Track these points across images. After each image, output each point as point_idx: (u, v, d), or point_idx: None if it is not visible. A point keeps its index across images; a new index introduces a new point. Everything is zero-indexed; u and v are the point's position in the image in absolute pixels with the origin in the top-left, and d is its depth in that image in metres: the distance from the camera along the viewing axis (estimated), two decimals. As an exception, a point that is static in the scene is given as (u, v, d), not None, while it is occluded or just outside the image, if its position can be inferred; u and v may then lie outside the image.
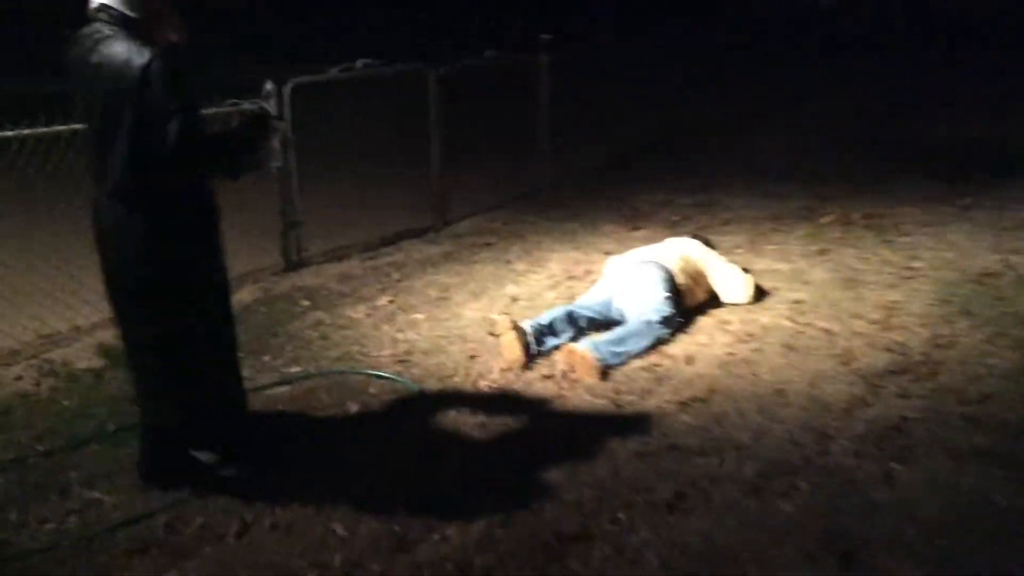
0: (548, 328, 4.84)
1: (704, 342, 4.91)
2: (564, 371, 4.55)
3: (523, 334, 4.69)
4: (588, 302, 5.14)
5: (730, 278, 5.41)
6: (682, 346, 4.85)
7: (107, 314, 4.90)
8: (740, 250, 6.53)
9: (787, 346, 4.83)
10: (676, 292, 5.11)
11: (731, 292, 5.40)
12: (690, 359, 4.70)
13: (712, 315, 5.24)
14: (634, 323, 4.86)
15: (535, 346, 4.71)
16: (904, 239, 6.71)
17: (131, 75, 2.96)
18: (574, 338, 4.85)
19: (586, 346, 4.62)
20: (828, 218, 7.25)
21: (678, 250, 5.42)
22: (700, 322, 5.15)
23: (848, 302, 5.43)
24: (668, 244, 5.60)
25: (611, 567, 3.08)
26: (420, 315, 5.32)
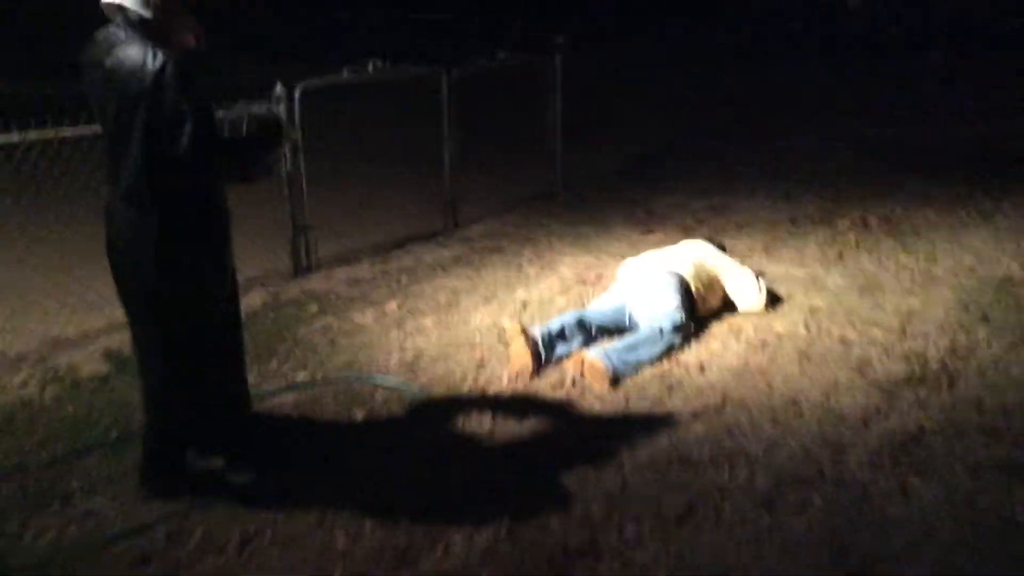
0: (558, 335, 4.76)
1: (717, 350, 4.83)
2: (574, 379, 4.48)
3: (532, 341, 4.62)
4: (599, 308, 5.07)
5: (744, 284, 5.32)
6: (695, 354, 4.76)
7: (115, 319, 4.92)
8: (755, 254, 6.43)
9: (802, 354, 4.74)
10: (689, 298, 5.03)
11: (745, 298, 5.31)
12: (702, 367, 4.61)
13: (726, 322, 5.16)
14: (646, 330, 4.79)
15: (545, 353, 4.64)
16: (923, 244, 6.60)
17: (144, 79, 2.96)
18: (584, 345, 4.78)
19: (596, 353, 4.55)
20: (845, 222, 7.14)
21: (692, 255, 5.34)
22: (713, 329, 5.06)
23: (865, 309, 5.34)
24: (682, 248, 5.52)
25: (618, 584, 3.01)
26: (429, 320, 5.26)
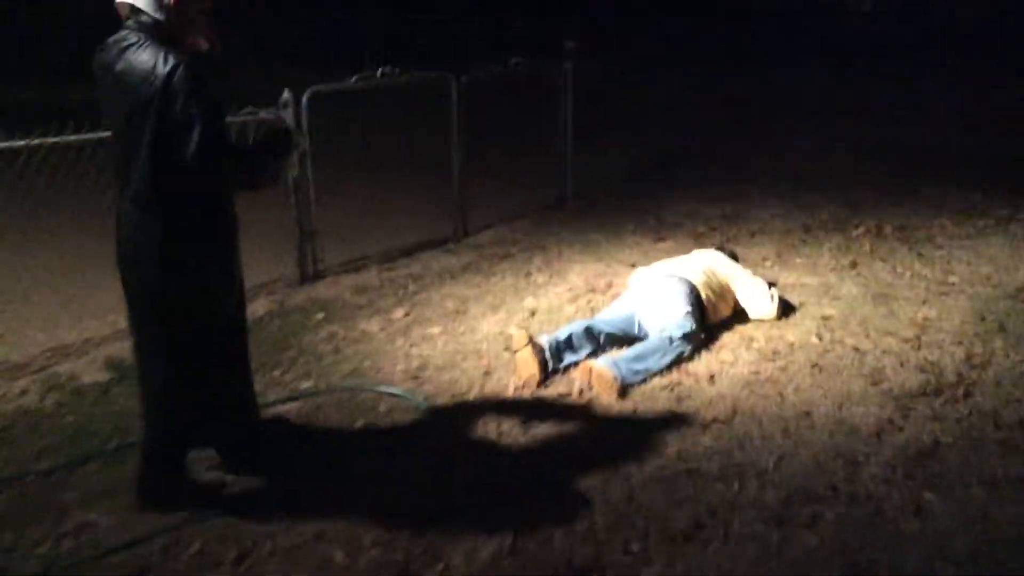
0: (566, 344, 4.69)
1: (728, 360, 4.74)
2: (581, 389, 4.40)
3: (540, 350, 4.55)
4: (608, 317, 4.98)
5: (756, 292, 5.24)
6: (705, 364, 4.68)
7: (117, 326, 4.89)
8: (768, 262, 6.35)
9: (815, 365, 4.65)
10: (700, 307, 4.95)
11: (757, 307, 5.22)
12: (713, 378, 4.53)
13: (737, 331, 5.07)
14: (655, 339, 4.71)
15: (552, 363, 4.57)
16: (938, 252, 6.50)
17: (155, 82, 2.96)
18: (593, 354, 4.70)
19: (605, 363, 4.47)
20: (859, 230, 7.05)
21: (703, 263, 5.26)
22: (724, 338, 4.98)
23: (879, 318, 5.24)
24: (693, 256, 5.44)
25: (623, 602, 2.93)
26: (435, 329, 5.20)
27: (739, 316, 5.20)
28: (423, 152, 7.82)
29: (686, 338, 4.73)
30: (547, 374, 4.52)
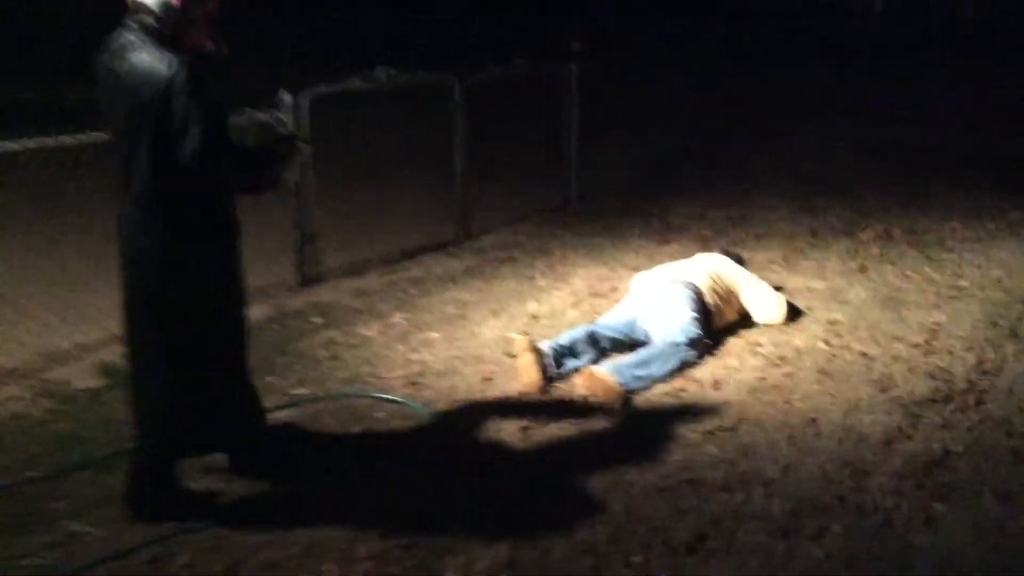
0: (568, 349, 4.61)
1: (733, 365, 4.65)
2: (583, 395, 4.32)
3: (541, 356, 4.47)
4: (611, 322, 4.90)
5: (762, 297, 5.16)
6: (709, 370, 4.59)
7: (111, 332, 4.81)
8: (774, 266, 6.26)
9: (822, 371, 4.56)
10: (704, 312, 4.87)
11: (763, 312, 5.14)
12: (717, 384, 4.44)
13: (742, 336, 4.98)
14: (659, 345, 4.62)
15: (554, 368, 4.49)
16: (948, 256, 6.40)
17: (155, 83, 2.94)
18: (595, 360, 4.62)
19: (607, 369, 4.40)
20: (868, 233, 6.95)
21: (708, 267, 5.17)
22: (729, 344, 4.89)
23: (888, 324, 5.15)
24: (697, 260, 5.35)
25: (623, 617, 2.85)
26: (436, 334, 5.11)
27: (745, 321, 5.12)
28: (425, 154, 7.73)
29: (691, 344, 4.65)
30: (548, 380, 4.44)
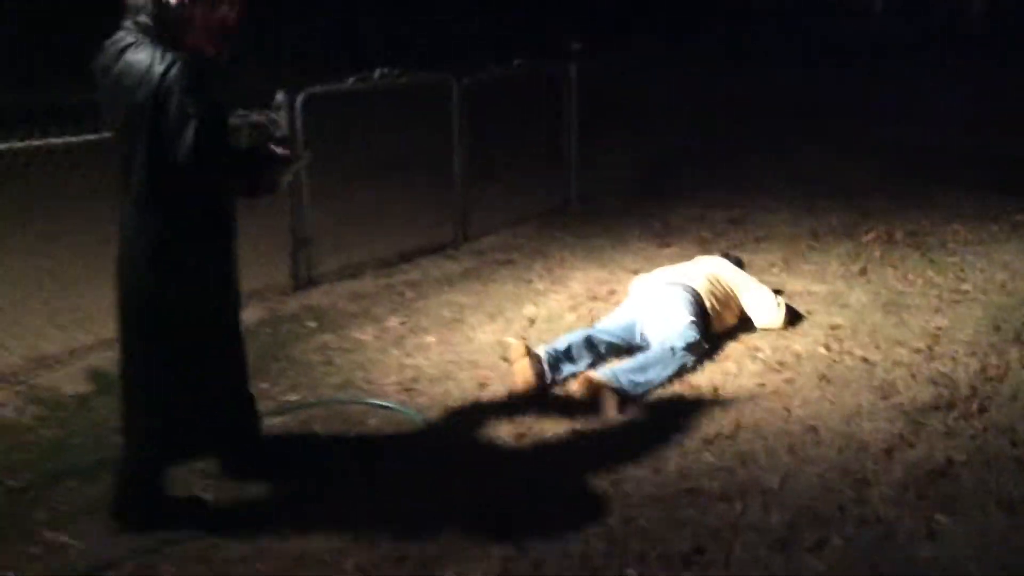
0: (565, 354, 4.53)
1: (732, 371, 4.58)
2: (579, 401, 4.24)
3: (537, 360, 4.40)
4: (609, 326, 4.83)
5: (762, 301, 5.08)
6: (708, 375, 4.52)
7: (102, 336, 4.75)
8: (775, 269, 6.17)
9: (822, 377, 4.48)
10: (703, 316, 4.79)
11: (763, 316, 5.06)
12: (716, 390, 4.37)
13: (742, 341, 4.91)
14: (657, 350, 4.55)
15: (550, 373, 4.42)
16: (951, 259, 6.31)
17: (152, 81, 2.91)
18: (592, 365, 4.55)
19: (604, 375, 4.32)
20: (869, 235, 6.85)
21: (707, 270, 5.10)
22: (728, 348, 4.82)
23: (889, 328, 5.06)
24: (697, 263, 5.28)
25: (616, 633, 2.77)
26: (431, 338, 5.04)
27: (744, 325, 5.04)
28: (423, 155, 7.66)
29: (689, 349, 4.57)
30: (545, 386, 4.37)
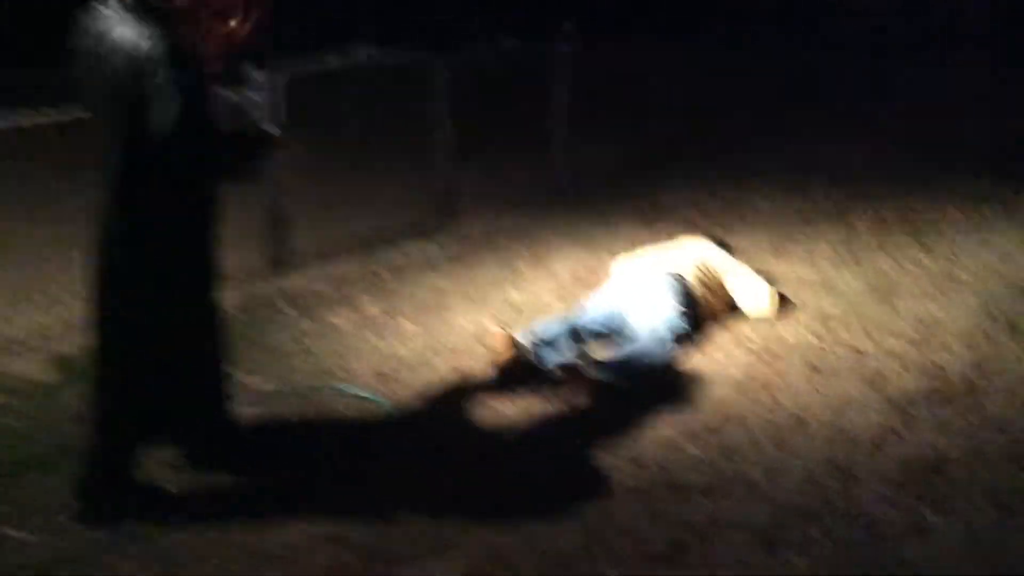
0: (547, 343, 4.40)
1: (719, 360, 4.46)
2: (560, 391, 4.12)
3: (519, 348, 4.28)
4: (592, 313, 4.69)
5: (751, 288, 4.96)
6: (694, 364, 4.41)
7: (71, 320, 4.61)
8: (764, 254, 6.02)
9: (811, 366, 4.37)
10: (691, 304, 4.67)
11: (752, 303, 4.94)
12: (702, 379, 4.26)
13: (730, 329, 4.79)
14: (644, 339, 4.43)
15: (532, 363, 4.29)
16: (944, 243, 6.17)
17: (133, 57, 2.82)
18: (575, 353, 4.42)
19: (587, 364, 4.21)
20: (861, 219, 6.72)
21: (695, 256, 4.97)
22: (716, 337, 4.70)
23: (881, 316, 4.94)
24: (683, 247, 5.14)
25: (591, 637, 2.66)
26: (410, 324, 4.91)
27: (731, 311, 4.92)
28: (409, 135, 7.47)
29: (676, 337, 4.46)
30: (526, 375, 4.24)
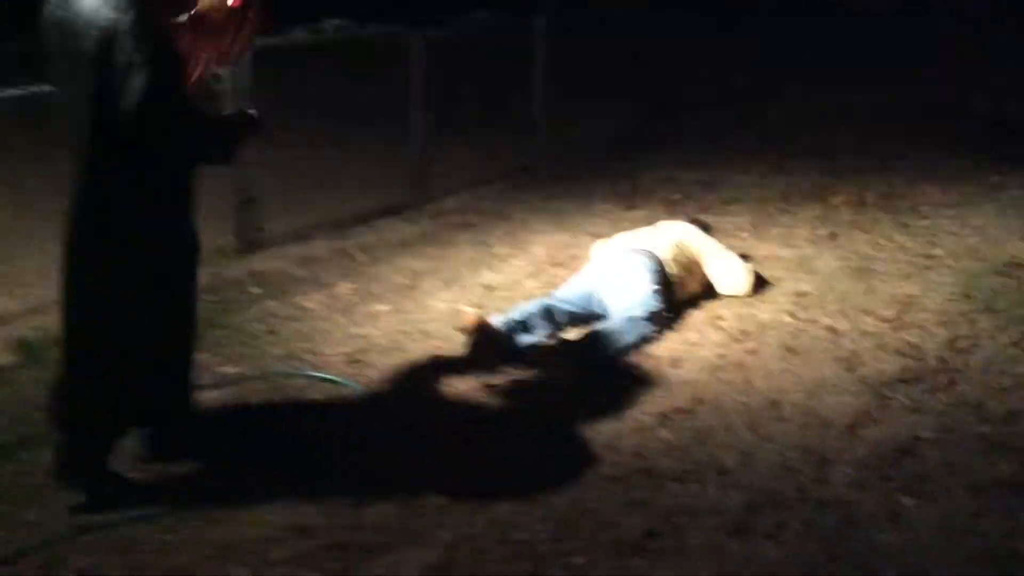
0: (521, 324, 4.33)
1: (694, 341, 4.40)
2: (533, 374, 4.05)
3: (493, 331, 4.21)
4: (568, 295, 4.62)
5: (728, 267, 4.90)
6: (668, 346, 4.34)
7: (31, 303, 4.51)
8: (743, 233, 5.97)
9: (786, 347, 4.32)
10: (666, 284, 4.60)
11: (728, 283, 4.88)
12: (676, 362, 4.19)
13: (705, 309, 4.72)
14: (618, 320, 4.36)
15: (505, 345, 4.21)
16: (923, 223, 6.13)
17: (100, 26, 2.71)
18: (550, 335, 4.35)
19: (561, 346, 4.15)
20: (839, 198, 6.66)
21: (671, 236, 4.90)
22: (691, 317, 4.63)
23: (857, 295, 4.90)
24: (661, 228, 5.07)
25: (558, 629, 2.60)
26: (382, 306, 4.82)
27: (709, 292, 4.86)
28: (382, 112, 7.34)
29: (650, 318, 4.39)
30: (500, 357, 4.16)
